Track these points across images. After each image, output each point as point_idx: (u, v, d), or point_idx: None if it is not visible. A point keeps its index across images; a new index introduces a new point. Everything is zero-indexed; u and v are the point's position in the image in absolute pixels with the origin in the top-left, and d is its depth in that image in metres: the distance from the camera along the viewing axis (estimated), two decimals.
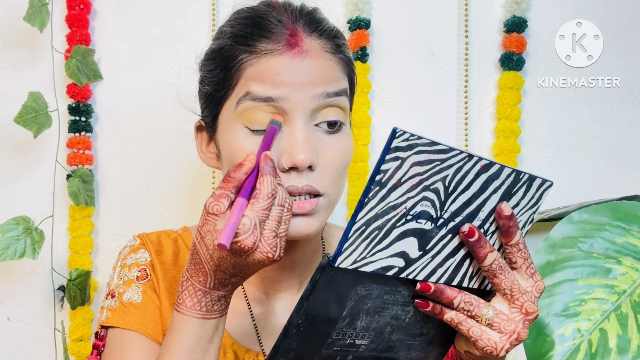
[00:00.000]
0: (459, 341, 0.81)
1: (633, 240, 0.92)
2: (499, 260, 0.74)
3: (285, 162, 0.84)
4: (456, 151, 0.69)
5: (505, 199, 0.74)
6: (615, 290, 0.89)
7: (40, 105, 1.28)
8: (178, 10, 1.39)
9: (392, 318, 0.75)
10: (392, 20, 1.41)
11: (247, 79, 0.86)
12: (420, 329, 0.79)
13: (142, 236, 1.00)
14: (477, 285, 0.78)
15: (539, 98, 1.43)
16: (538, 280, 0.77)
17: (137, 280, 0.95)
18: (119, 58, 1.38)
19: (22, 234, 1.25)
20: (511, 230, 0.74)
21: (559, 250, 0.92)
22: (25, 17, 1.26)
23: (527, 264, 0.76)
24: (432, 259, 0.73)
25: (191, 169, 1.37)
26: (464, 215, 0.72)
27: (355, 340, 0.75)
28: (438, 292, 0.74)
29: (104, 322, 0.94)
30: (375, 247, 0.69)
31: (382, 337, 0.76)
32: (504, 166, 0.72)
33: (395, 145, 0.65)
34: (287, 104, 0.85)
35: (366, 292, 0.72)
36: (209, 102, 0.92)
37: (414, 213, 0.69)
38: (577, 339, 0.87)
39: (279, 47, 0.86)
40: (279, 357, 0.72)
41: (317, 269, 0.68)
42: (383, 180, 0.66)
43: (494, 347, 0.75)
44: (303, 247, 0.97)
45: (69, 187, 1.32)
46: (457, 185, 0.70)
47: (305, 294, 0.69)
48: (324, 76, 0.87)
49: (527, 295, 0.76)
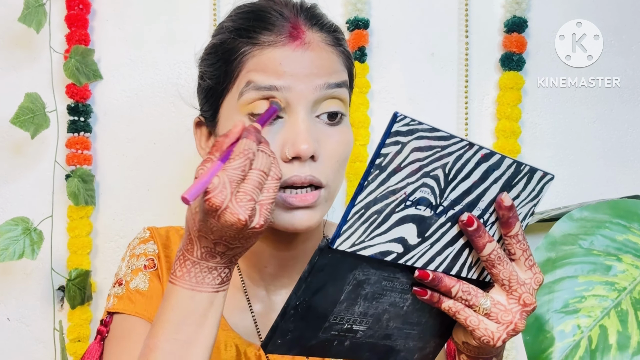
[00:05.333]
0: (456, 332, 0.81)
1: (633, 238, 0.92)
2: (498, 251, 0.74)
3: (289, 152, 0.85)
4: (457, 139, 0.69)
5: (505, 189, 0.74)
6: (616, 287, 0.88)
7: (37, 105, 1.28)
8: (178, 10, 1.39)
9: (390, 305, 0.75)
10: (392, 20, 1.41)
11: (249, 70, 0.87)
12: (418, 318, 0.78)
13: (152, 229, 1.02)
14: (476, 275, 0.78)
15: (539, 98, 1.43)
16: (537, 272, 0.77)
17: (144, 268, 0.97)
18: (118, 58, 1.38)
19: (21, 235, 1.25)
20: (511, 221, 0.74)
21: (559, 248, 0.91)
22: (21, 18, 1.26)
23: (525, 256, 0.76)
24: (430, 246, 0.73)
25: (191, 169, 1.36)
26: (463, 204, 0.72)
27: (353, 326, 0.75)
28: (436, 280, 0.74)
29: (110, 309, 0.95)
30: (374, 231, 0.69)
31: (380, 324, 0.76)
32: (505, 156, 0.72)
33: (395, 130, 0.65)
34: (290, 94, 0.86)
35: (364, 277, 0.72)
36: (209, 96, 0.93)
37: (414, 199, 0.69)
38: (577, 336, 0.86)
39: (282, 38, 0.87)
40: (276, 338, 0.72)
41: (316, 250, 0.68)
42: (383, 164, 0.66)
43: (491, 337, 0.75)
44: (304, 243, 0.98)
45: (68, 187, 1.32)
46: (457, 173, 0.70)
47: (304, 276, 0.69)
48: (326, 67, 0.89)
49: (525, 287, 0.76)
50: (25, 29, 1.29)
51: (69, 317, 1.34)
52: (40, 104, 1.29)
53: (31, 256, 1.25)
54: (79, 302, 1.33)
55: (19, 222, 1.26)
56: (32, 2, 1.27)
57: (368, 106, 1.38)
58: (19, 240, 1.25)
